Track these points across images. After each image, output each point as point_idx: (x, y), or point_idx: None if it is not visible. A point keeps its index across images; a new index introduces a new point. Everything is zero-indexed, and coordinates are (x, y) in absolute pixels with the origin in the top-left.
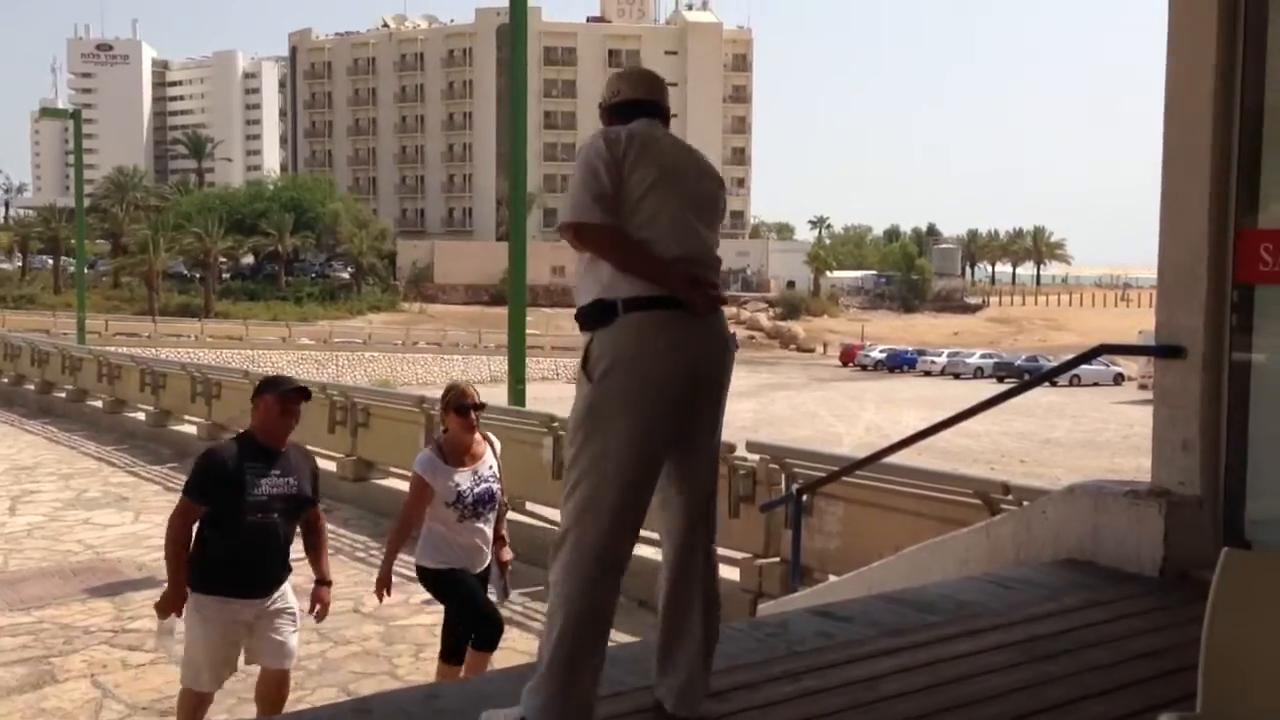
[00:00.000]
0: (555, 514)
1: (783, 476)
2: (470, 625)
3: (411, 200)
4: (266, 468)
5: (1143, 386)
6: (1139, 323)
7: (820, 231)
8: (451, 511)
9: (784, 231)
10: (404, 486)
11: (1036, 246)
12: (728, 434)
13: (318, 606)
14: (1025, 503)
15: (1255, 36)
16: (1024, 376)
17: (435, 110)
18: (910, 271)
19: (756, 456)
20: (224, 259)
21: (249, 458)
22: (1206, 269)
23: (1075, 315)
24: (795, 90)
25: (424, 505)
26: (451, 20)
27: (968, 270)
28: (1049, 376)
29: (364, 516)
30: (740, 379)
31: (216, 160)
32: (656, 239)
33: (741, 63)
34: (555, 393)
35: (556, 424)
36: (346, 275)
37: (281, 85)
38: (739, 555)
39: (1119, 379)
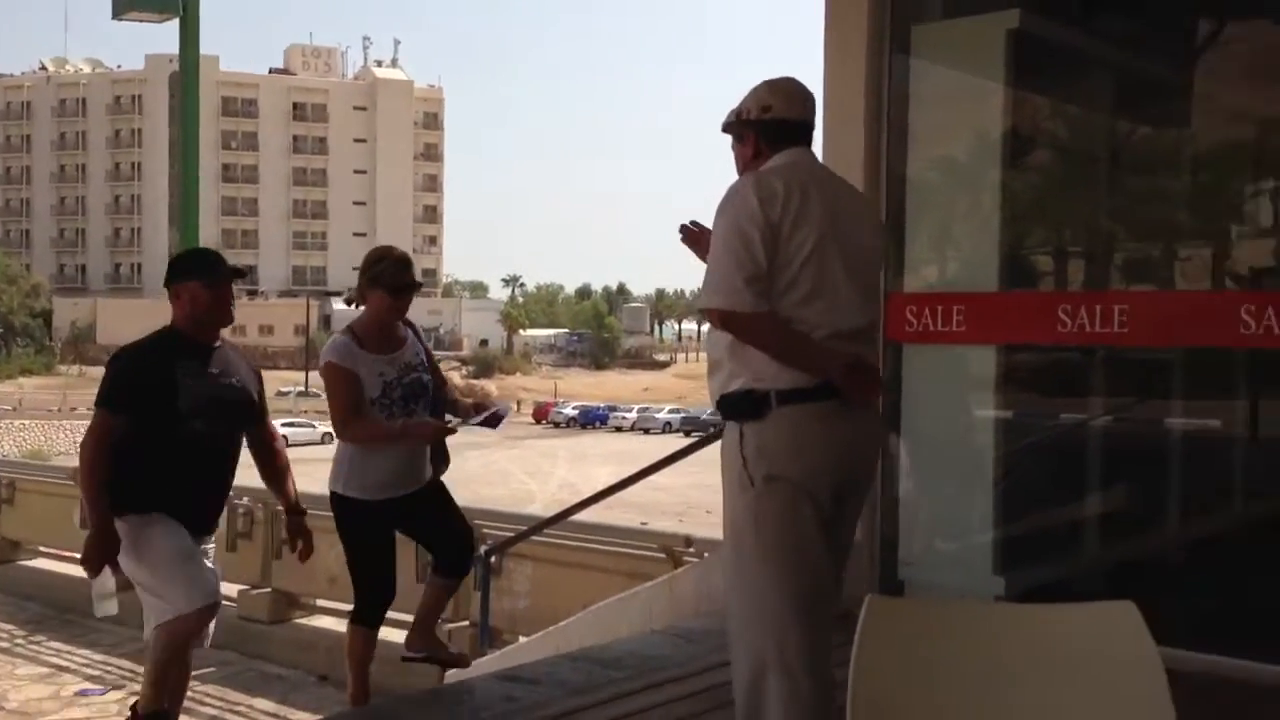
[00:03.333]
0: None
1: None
2: (362, 586)
3: (71, 255)
4: (201, 365)
5: None
6: None
7: (513, 290)
8: (376, 411)
9: (478, 290)
10: (56, 568)
11: None
12: None
13: (299, 544)
14: (706, 554)
15: (899, 111)
16: (710, 430)
17: (99, 159)
18: (601, 329)
19: None
20: None
21: (178, 355)
22: None
23: None
24: (494, 149)
25: (358, 395)
26: (119, 66)
27: (656, 328)
28: None
29: (9, 602)
30: None
31: None
32: (815, 318)
33: (433, 120)
34: None
35: None
36: None
37: None
38: None
39: None
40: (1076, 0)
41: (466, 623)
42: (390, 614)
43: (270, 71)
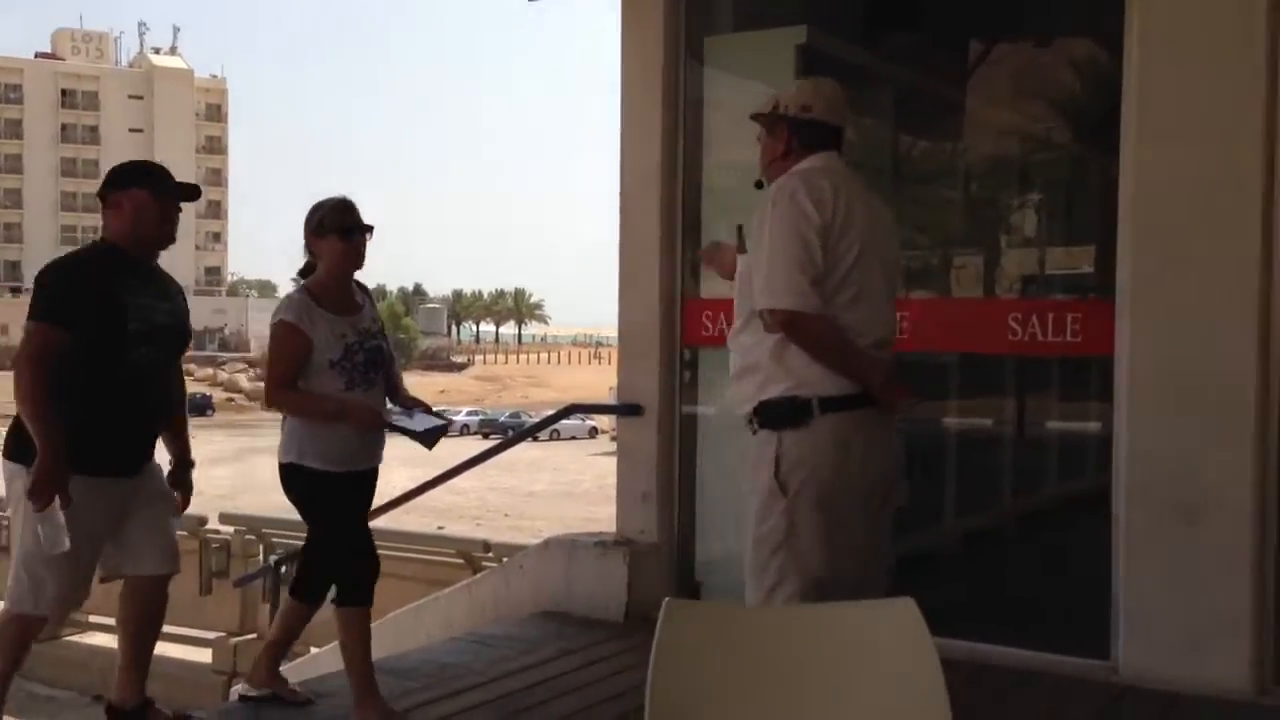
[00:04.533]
0: None
1: (261, 548)
2: (344, 564)
3: None
4: (143, 285)
5: (615, 439)
6: (611, 379)
7: None
8: (336, 376)
9: (266, 289)
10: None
11: (518, 307)
12: (199, 504)
13: (176, 497)
14: (505, 559)
15: (695, 120)
16: (508, 433)
17: None
18: (397, 330)
19: (231, 528)
20: None
21: (118, 271)
22: (659, 334)
23: (554, 372)
24: (286, 142)
25: (298, 364)
26: None
27: (454, 329)
28: (531, 433)
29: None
30: (219, 444)
31: None
32: (858, 325)
33: (216, 113)
34: None
35: None
36: None
37: None
38: (211, 635)
39: (594, 432)
40: (861, 19)
41: (255, 636)
42: (168, 628)
43: (36, 56)
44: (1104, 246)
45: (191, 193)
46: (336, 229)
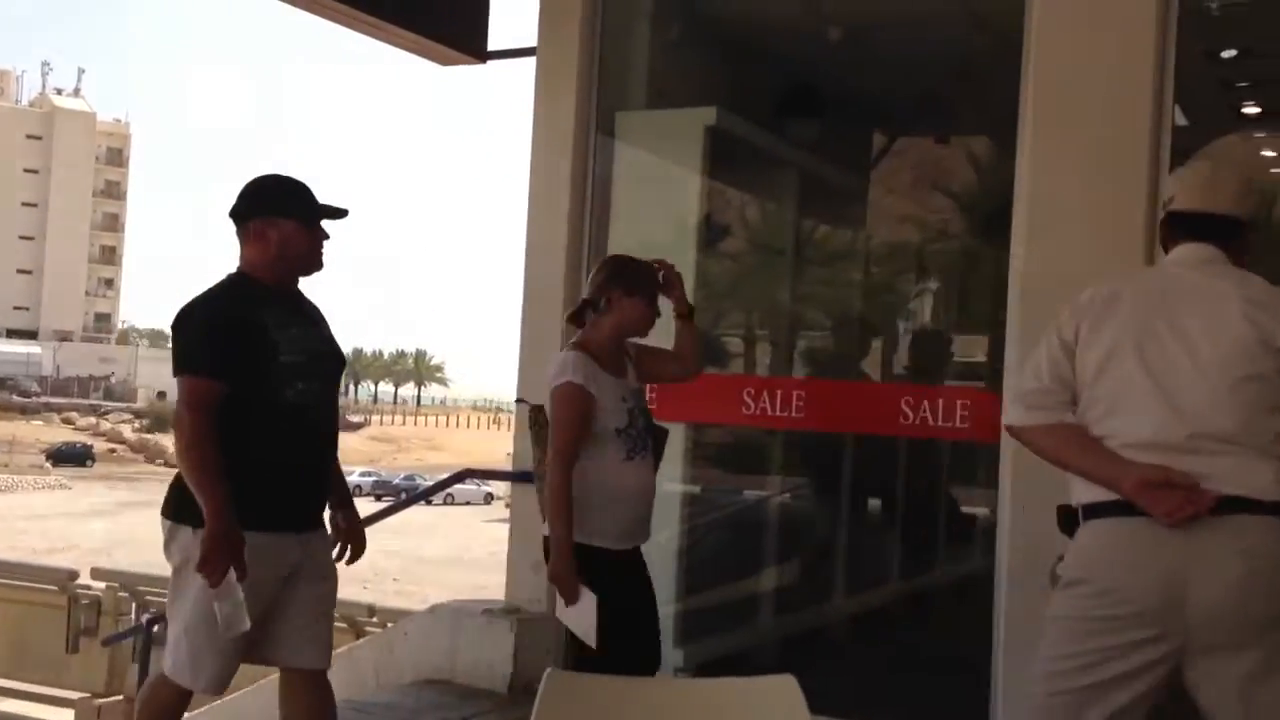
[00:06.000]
0: None
1: (133, 605)
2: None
3: None
4: (288, 315)
5: (509, 506)
6: (509, 445)
7: None
8: (620, 445)
9: (157, 338)
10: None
11: (418, 368)
12: (74, 557)
13: (347, 548)
14: (390, 624)
15: (603, 194)
16: (401, 495)
17: None
18: None
19: (104, 584)
20: None
21: (260, 303)
22: None
23: (452, 436)
24: (185, 191)
25: (582, 426)
26: None
27: (352, 388)
28: (424, 496)
29: None
30: (98, 496)
31: None
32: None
33: (117, 157)
34: None
35: None
36: None
37: None
38: (75, 695)
39: (489, 498)
40: (769, 105)
41: (121, 698)
42: (28, 686)
43: None
44: (996, 336)
45: (340, 213)
46: (643, 289)
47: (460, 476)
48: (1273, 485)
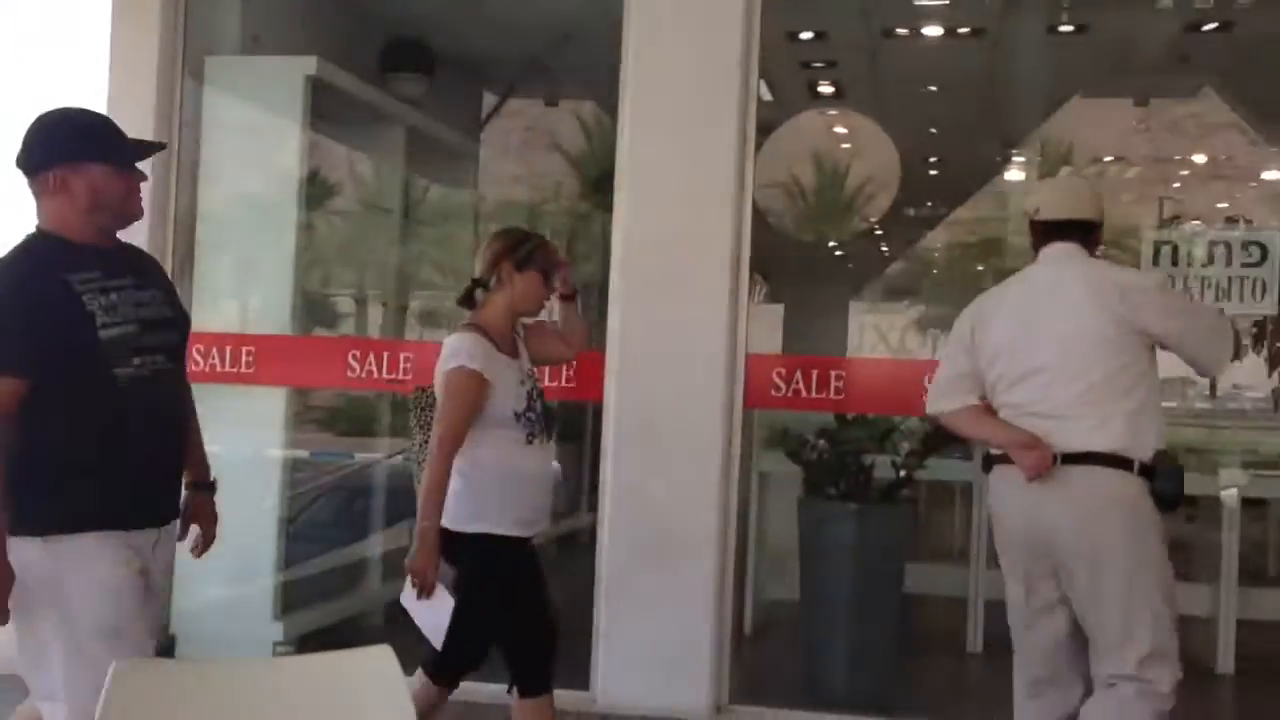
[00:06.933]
0: None
1: None
2: (531, 647)
3: None
4: (106, 273)
5: None
6: None
7: None
8: (518, 429)
9: None
10: None
11: None
12: None
13: (196, 532)
14: None
15: (191, 143)
16: None
17: None
18: None
19: None
20: None
21: (70, 267)
22: None
23: None
24: None
25: (471, 415)
26: None
27: None
28: None
29: None
30: None
31: None
32: None
33: None
34: None
35: None
36: None
37: None
38: None
39: None
40: (375, 59)
41: None
42: None
43: None
44: (603, 296)
45: (157, 147)
46: (539, 265)
47: None
48: (1110, 440)
